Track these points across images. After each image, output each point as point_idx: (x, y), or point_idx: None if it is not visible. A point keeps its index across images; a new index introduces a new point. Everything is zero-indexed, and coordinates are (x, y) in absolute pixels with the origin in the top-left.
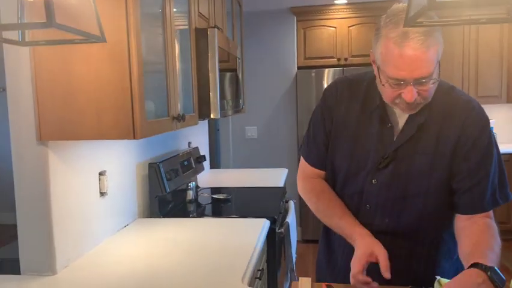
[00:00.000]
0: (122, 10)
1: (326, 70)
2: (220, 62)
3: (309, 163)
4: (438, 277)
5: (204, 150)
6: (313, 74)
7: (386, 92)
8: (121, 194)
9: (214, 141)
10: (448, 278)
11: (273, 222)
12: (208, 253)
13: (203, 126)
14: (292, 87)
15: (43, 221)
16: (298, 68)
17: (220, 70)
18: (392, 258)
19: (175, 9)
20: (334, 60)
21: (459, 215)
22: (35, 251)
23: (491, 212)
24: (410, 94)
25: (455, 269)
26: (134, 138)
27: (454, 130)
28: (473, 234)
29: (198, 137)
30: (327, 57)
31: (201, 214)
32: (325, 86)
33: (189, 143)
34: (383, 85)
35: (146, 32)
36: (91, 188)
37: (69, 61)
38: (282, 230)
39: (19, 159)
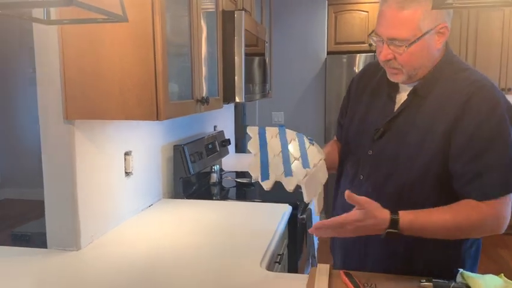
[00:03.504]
0: None
1: (358, 56)
2: (247, 45)
3: (336, 135)
4: (461, 270)
5: (229, 134)
6: (344, 60)
7: (377, 53)
8: (145, 174)
9: (241, 126)
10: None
11: (295, 208)
12: (229, 235)
13: (229, 110)
14: (321, 73)
15: (69, 198)
16: (328, 53)
17: (248, 54)
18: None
19: None
20: (365, 46)
21: None
22: (61, 227)
23: (496, 203)
24: (382, 52)
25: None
26: (157, 119)
27: (453, 108)
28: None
29: (223, 120)
30: (358, 42)
31: (224, 197)
32: (356, 71)
33: (215, 127)
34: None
35: (171, 14)
36: (116, 168)
37: (95, 40)
38: (304, 216)
39: (46, 138)
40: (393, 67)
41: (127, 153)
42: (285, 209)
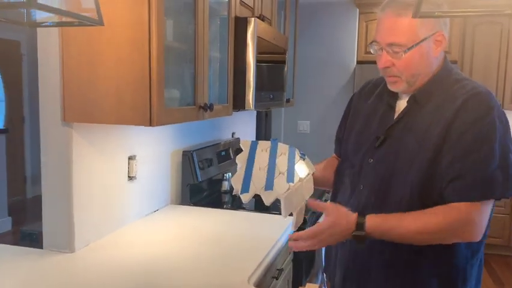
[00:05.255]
0: None
1: None
2: (265, 53)
3: (334, 151)
4: None
5: None
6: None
7: (377, 61)
8: (152, 179)
9: (270, 134)
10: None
11: (303, 222)
12: (226, 246)
13: (250, 117)
14: (349, 83)
15: (64, 200)
16: (358, 62)
17: (264, 61)
18: (376, 245)
19: None
20: None
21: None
22: (56, 228)
23: (468, 207)
24: (381, 59)
25: (451, 267)
26: (150, 125)
27: (449, 111)
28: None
29: (244, 128)
30: None
31: (235, 206)
32: None
33: (233, 134)
34: None
35: (176, 19)
36: (118, 172)
37: (94, 43)
38: None
39: (46, 139)
40: (392, 75)
41: (130, 158)
42: (291, 221)
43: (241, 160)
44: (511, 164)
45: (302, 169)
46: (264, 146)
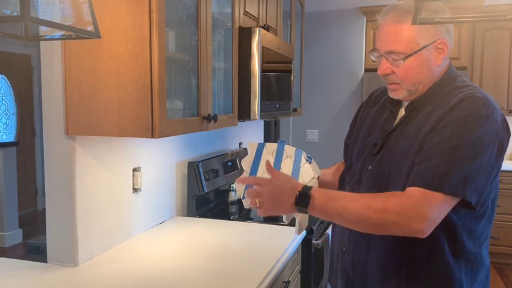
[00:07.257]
0: (145, 7)
1: None
2: (270, 63)
3: (343, 158)
4: None
5: None
6: None
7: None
8: (157, 191)
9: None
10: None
11: (309, 233)
12: (231, 259)
13: (258, 127)
14: (357, 91)
15: (67, 213)
16: (366, 70)
17: (271, 71)
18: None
19: (217, 8)
20: None
21: None
22: (59, 242)
23: (420, 195)
24: (381, 66)
25: (443, 273)
26: (152, 136)
27: (440, 113)
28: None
29: (251, 137)
30: None
31: (242, 217)
32: None
33: (240, 144)
34: None
35: (178, 30)
36: (123, 184)
37: (96, 56)
38: (320, 241)
39: (49, 153)
40: (392, 82)
41: (135, 170)
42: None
43: (246, 164)
44: (478, 167)
45: (307, 172)
46: (270, 148)
